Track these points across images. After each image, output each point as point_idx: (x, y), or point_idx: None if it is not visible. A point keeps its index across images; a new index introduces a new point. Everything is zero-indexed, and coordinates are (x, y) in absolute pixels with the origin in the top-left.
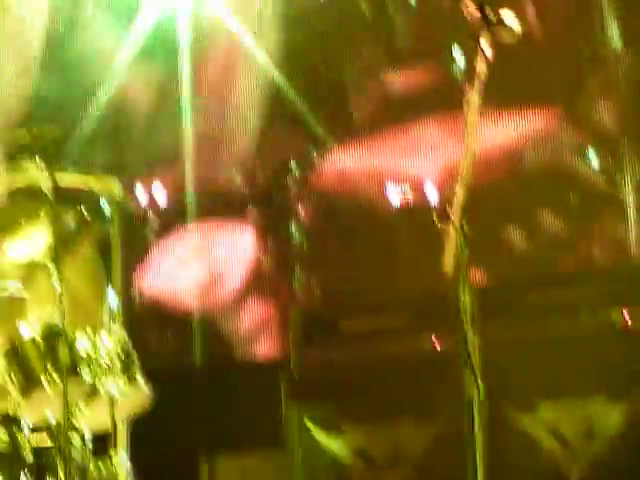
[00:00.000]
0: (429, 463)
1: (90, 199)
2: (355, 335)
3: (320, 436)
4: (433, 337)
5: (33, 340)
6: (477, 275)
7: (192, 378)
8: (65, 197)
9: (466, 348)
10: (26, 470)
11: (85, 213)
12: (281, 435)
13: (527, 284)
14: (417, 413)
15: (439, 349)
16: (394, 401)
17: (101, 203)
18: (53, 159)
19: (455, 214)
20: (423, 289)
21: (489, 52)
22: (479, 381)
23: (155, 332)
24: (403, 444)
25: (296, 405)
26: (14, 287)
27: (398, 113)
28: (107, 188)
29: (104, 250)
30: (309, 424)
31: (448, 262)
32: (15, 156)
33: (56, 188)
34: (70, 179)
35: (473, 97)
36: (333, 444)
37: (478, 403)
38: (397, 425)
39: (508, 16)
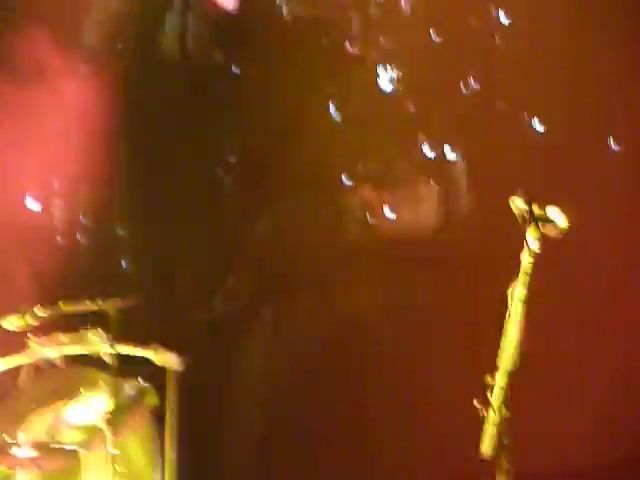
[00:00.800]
0: None
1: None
2: None
3: None
4: None
5: None
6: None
7: None
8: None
9: None
10: None
11: (142, 383)
12: None
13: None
14: None
15: None
16: None
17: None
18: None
19: (495, 400)
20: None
21: (535, 246)
22: None
23: None
24: None
25: None
26: (70, 450)
27: None
28: (165, 360)
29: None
30: None
31: (488, 447)
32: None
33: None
34: (130, 350)
35: (518, 289)
36: None
37: None
38: None
39: (555, 212)
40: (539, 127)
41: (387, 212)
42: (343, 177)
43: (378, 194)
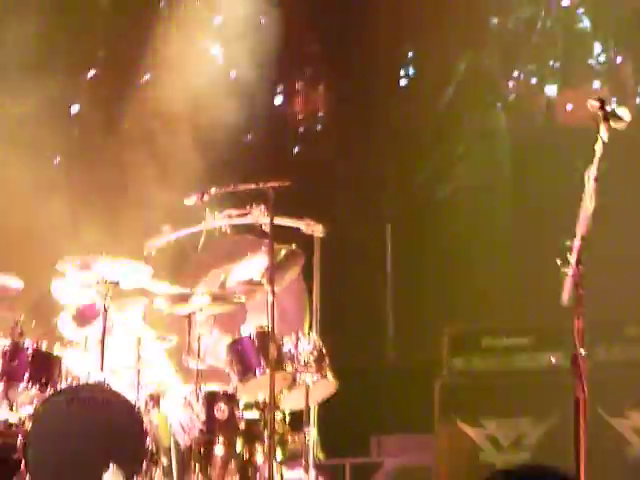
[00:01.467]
0: (543, 448)
1: (298, 237)
2: (492, 350)
3: (463, 426)
4: (551, 355)
5: (249, 338)
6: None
7: (368, 376)
8: (279, 234)
9: (578, 363)
10: (238, 436)
11: (294, 247)
12: (432, 423)
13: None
14: (536, 412)
15: (555, 364)
16: (519, 402)
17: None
18: (273, 205)
19: (573, 259)
20: (545, 318)
21: (605, 136)
22: (585, 388)
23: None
24: (524, 434)
25: (445, 401)
26: (238, 299)
27: None
28: (312, 228)
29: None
30: (455, 417)
31: (566, 296)
32: (244, 201)
33: (273, 227)
34: (284, 221)
35: (592, 170)
36: (472, 432)
37: (584, 404)
38: (520, 420)
39: (621, 110)
40: None
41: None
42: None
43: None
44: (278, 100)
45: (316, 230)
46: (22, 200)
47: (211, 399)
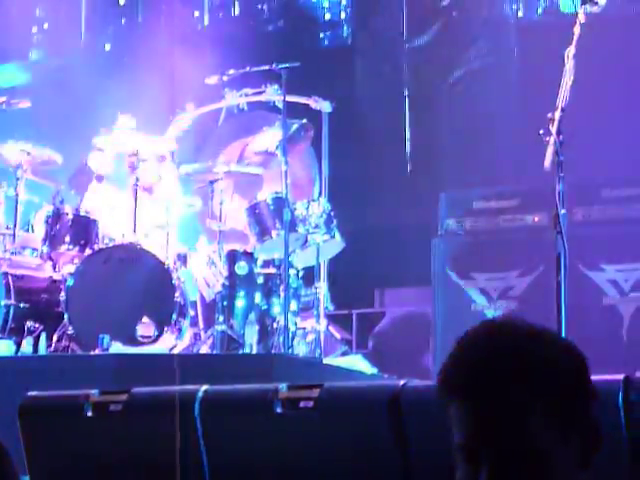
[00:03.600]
0: (528, 299)
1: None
2: (484, 211)
3: (456, 280)
4: (535, 215)
5: (266, 202)
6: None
7: (372, 236)
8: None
9: (559, 222)
10: (257, 290)
11: (305, 121)
12: (430, 279)
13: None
14: (522, 266)
15: (538, 222)
16: (507, 257)
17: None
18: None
19: (554, 129)
20: (530, 182)
21: (583, 19)
22: (565, 244)
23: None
24: (511, 286)
25: (440, 258)
26: (256, 168)
27: None
28: (320, 106)
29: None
30: (450, 272)
31: (548, 162)
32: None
33: (286, 103)
34: (295, 98)
35: (571, 49)
36: (465, 284)
37: (565, 259)
38: (508, 274)
39: None
40: None
41: None
42: None
43: None
44: None
45: (324, 106)
46: (69, 82)
47: (232, 257)
